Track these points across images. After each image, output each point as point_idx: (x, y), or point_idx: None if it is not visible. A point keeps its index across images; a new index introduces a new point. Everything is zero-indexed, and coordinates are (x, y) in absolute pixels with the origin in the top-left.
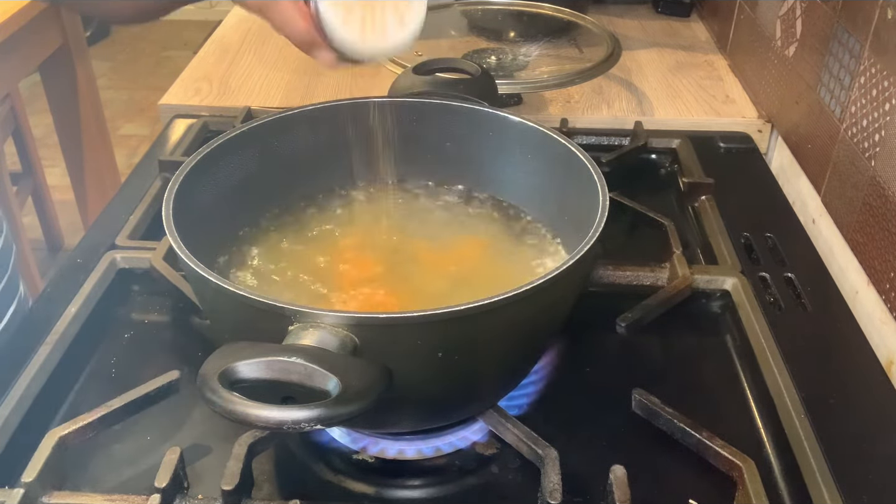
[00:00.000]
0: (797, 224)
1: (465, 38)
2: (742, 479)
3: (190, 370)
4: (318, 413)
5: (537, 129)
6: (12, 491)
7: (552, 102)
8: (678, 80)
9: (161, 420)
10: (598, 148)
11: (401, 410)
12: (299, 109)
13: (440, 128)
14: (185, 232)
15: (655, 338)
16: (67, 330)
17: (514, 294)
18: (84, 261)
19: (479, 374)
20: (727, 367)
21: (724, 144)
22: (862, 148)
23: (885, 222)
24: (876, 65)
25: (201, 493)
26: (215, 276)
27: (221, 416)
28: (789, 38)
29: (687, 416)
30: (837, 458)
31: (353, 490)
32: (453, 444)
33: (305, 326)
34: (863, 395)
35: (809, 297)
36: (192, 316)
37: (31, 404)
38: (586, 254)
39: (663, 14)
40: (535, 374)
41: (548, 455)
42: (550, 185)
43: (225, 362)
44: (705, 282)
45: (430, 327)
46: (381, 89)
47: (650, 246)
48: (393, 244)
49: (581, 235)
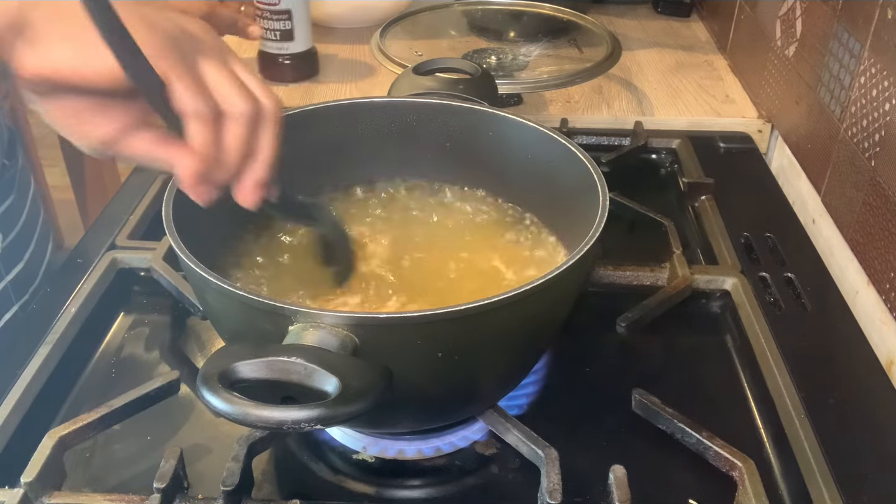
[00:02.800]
0: (797, 224)
1: (465, 38)
2: (742, 479)
3: (190, 370)
4: (318, 413)
5: (537, 129)
6: (12, 491)
7: (552, 102)
8: (678, 80)
9: (161, 420)
10: (598, 148)
11: (401, 410)
12: (299, 110)
13: (440, 128)
14: (185, 232)
15: (655, 338)
16: (67, 330)
17: (514, 294)
18: (84, 261)
19: (479, 374)
20: (727, 367)
21: (724, 144)
22: (862, 148)
23: (885, 222)
24: (876, 65)
25: (201, 493)
26: (215, 276)
27: (221, 416)
28: (789, 38)
29: (687, 416)
30: (837, 458)
31: (353, 490)
32: (453, 444)
33: (305, 326)
34: (863, 395)
35: (809, 297)
36: (192, 316)
37: (31, 404)
38: (586, 254)
39: (663, 14)
40: (535, 374)
41: (548, 455)
42: (550, 185)
43: (225, 362)
44: (705, 282)
45: (430, 327)
46: (381, 89)
47: (650, 246)
48: (393, 244)
49: (581, 235)
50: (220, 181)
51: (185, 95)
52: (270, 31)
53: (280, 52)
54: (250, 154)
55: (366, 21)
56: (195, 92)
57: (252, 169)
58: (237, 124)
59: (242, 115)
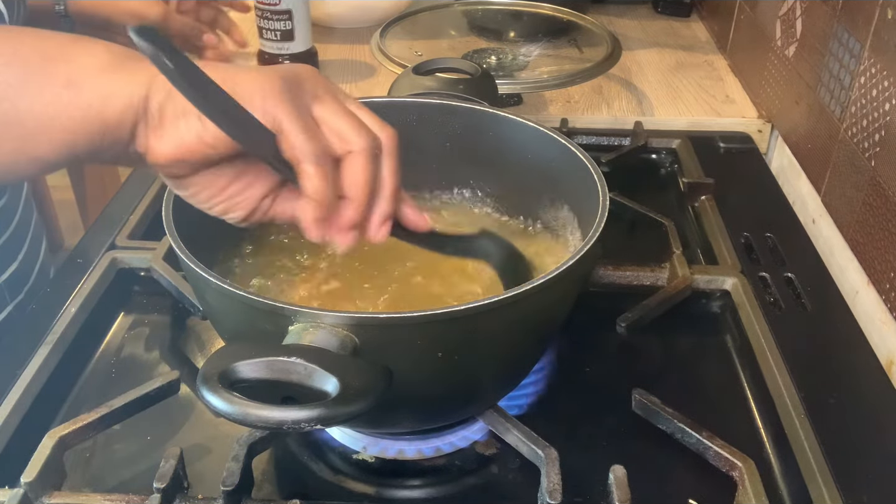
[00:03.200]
0: (797, 224)
1: (465, 38)
2: (742, 479)
3: (190, 370)
4: (318, 413)
5: (537, 129)
6: (12, 491)
7: (552, 102)
8: (678, 80)
9: (161, 420)
10: (598, 148)
11: (401, 410)
12: None
13: (440, 128)
14: (184, 232)
15: (655, 338)
16: (67, 330)
17: (514, 294)
18: (84, 261)
19: (479, 374)
20: (727, 367)
21: (724, 144)
22: (862, 148)
23: (885, 222)
24: (876, 65)
25: (201, 493)
26: (215, 276)
27: (221, 416)
28: (789, 38)
29: (687, 416)
30: (837, 458)
31: (353, 490)
32: (453, 444)
33: (305, 326)
34: (863, 395)
35: (809, 297)
36: (192, 316)
37: (31, 404)
38: (586, 254)
39: (663, 14)
40: (535, 374)
41: (548, 455)
42: (550, 185)
43: (225, 362)
44: (705, 282)
45: (430, 327)
46: (381, 89)
47: (650, 246)
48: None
49: (581, 235)
50: (352, 220)
51: (298, 140)
52: (271, 31)
53: (280, 53)
54: (375, 189)
55: (366, 21)
56: (308, 136)
57: (378, 204)
58: (359, 160)
59: (363, 151)
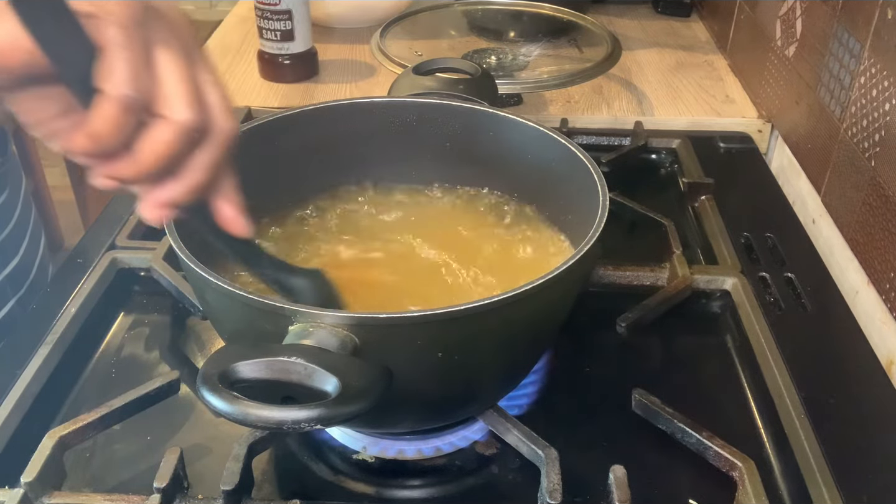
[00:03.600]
0: (797, 224)
1: (465, 38)
2: (742, 479)
3: (190, 370)
4: (318, 413)
5: (537, 129)
6: (12, 491)
7: (552, 102)
8: (678, 80)
9: (161, 420)
10: (598, 148)
11: (401, 410)
12: (299, 110)
13: (440, 128)
14: (184, 232)
15: (655, 338)
16: (67, 330)
17: (514, 294)
18: (84, 261)
19: (479, 374)
20: (727, 367)
21: (724, 144)
22: (862, 148)
23: (885, 222)
24: (876, 65)
25: (201, 493)
26: (215, 276)
27: (221, 416)
28: (789, 38)
29: (687, 416)
30: (837, 458)
31: (353, 490)
32: (453, 444)
33: (306, 326)
34: (863, 395)
35: (809, 297)
36: (192, 316)
37: (31, 404)
38: (586, 254)
39: (663, 14)
40: (535, 374)
41: (548, 455)
42: (550, 185)
43: (225, 362)
44: (705, 282)
45: (430, 327)
46: (381, 89)
47: (650, 246)
48: (392, 244)
49: (581, 235)
50: (119, 173)
51: (117, 73)
52: (270, 31)
53: (280, 53)
54: (172, 170)
55: (366, 21)
56: (131, 75)
57: (165, 186)
58: (167, 130)
59: (178, 125)
